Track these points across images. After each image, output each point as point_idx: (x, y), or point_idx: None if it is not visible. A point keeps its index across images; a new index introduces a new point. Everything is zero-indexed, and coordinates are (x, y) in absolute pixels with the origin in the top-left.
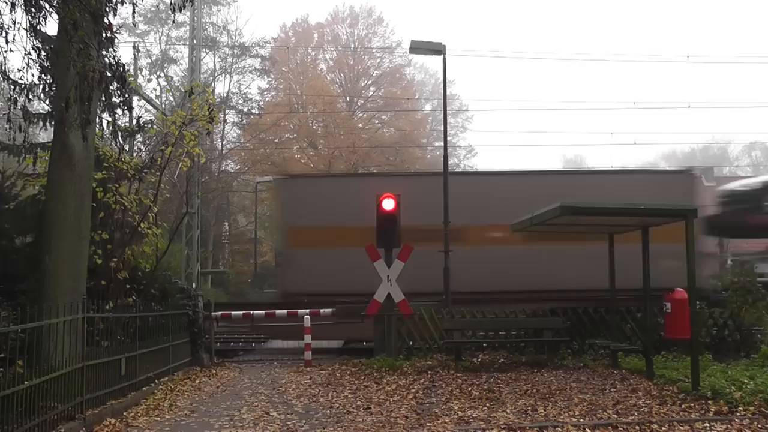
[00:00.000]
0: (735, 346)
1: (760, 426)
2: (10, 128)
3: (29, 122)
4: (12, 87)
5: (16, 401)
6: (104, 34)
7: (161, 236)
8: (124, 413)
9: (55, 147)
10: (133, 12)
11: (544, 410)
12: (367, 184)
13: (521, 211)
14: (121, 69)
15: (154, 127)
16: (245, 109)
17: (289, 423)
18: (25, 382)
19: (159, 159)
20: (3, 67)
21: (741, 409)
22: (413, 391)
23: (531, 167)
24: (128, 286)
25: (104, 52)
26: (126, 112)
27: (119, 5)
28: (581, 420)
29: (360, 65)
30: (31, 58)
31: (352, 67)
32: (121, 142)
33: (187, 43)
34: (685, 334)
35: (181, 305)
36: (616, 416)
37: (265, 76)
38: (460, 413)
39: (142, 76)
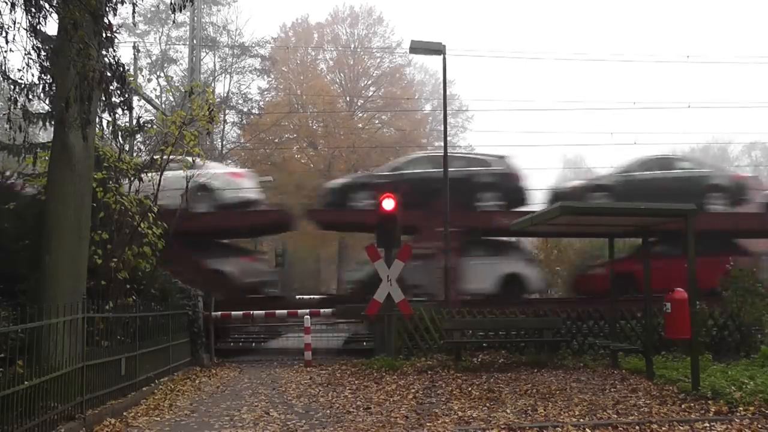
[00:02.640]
0: (735, 346)
1: (760, 426)
2: (10, 128)
3: (29, 122)
4: (12, 87)
5: (16, 401)
6: (104, 34)
7: (161, 236)
8: (124, 413)
9: (55, 147)
10: (133, 12)
11: (544, 410)
12: None
13: None
14: (121, 69)
15: (154, 127)
16: (245, 109)
17: (289, 423)
18: (25, 382)
19: (159, 159)
20: (3, 67)
21: (741, 409)
22: (413, 391)
23: None
24: (128, 286)
25: (104, 52)
26: (126, 112)
27: (119, 5)
28: (581, 420)
29: (360, 65)
30: (31, 58)
31: (352, 67)
32: (121, 142)
33: (187, 43)
34: (685, 334)
35: (181, 305)
36: (616, 416)
37: (265, 76)
38: (460, 413)
39: (142, 76)
